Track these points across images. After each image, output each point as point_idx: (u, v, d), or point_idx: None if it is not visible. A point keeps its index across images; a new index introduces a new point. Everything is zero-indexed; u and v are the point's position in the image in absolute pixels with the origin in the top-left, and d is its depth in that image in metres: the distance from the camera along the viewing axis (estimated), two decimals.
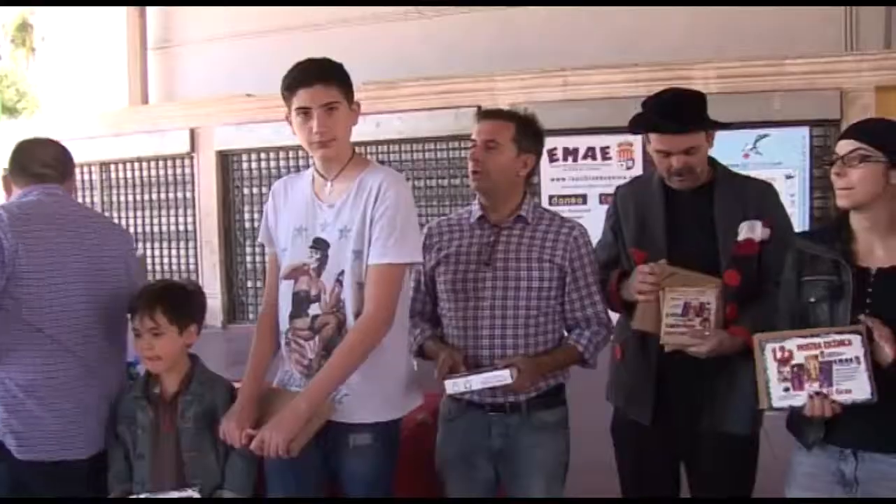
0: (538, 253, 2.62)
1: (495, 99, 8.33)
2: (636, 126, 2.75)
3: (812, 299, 2.34)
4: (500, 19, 8.75)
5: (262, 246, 2.61)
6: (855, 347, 2.17)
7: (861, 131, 2.29)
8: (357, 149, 2.43)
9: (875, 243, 2.31)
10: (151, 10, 11.29)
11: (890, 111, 7.88)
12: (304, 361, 2.32)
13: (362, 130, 9.22)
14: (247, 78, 9.50)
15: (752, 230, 2.70)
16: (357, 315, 2.27)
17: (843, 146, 2.27)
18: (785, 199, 8.29)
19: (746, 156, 8.11)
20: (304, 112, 2.24)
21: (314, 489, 2.37)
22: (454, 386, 2.46)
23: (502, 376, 2.42)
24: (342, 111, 2.27)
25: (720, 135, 2.75)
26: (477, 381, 2.46)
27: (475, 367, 2.52)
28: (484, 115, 2.73)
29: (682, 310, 2.56)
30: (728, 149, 8.36)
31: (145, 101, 11.23)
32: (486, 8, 8.75)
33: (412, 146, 9.02)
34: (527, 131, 2.69)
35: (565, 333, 2.70)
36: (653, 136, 2.69)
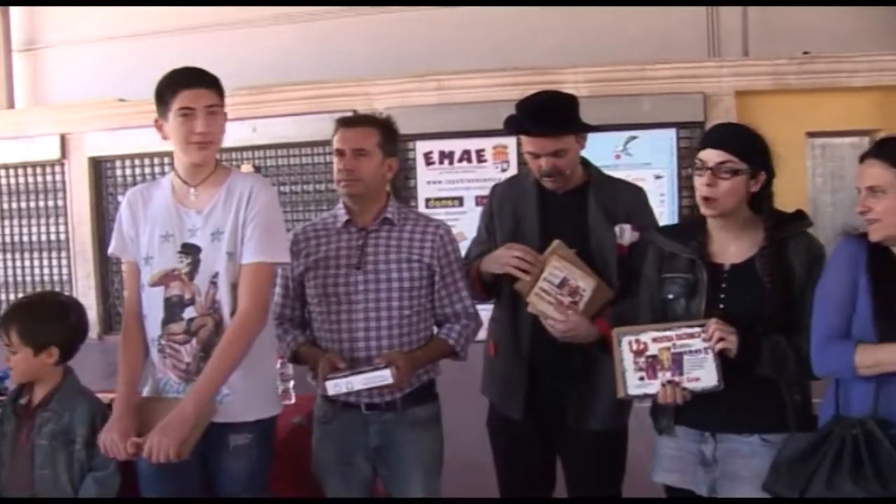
0: (407, 253, 2.64)
1: (371, 103, 8.33)
2: (508, 128, 2.79)
3: (670, 296, 2.43)
4: (375, 24, 8.74)
5: None
6: (702, 339, 2.31)
7: (729, 143, 2.37)
8: (233, 154, 2.45)
9: (729, 241, 2.41)
10: (15, 11, 10.79)
11: (749, 114, 8.25)
12: (182, 366, 2.32)
13: (238, 136, 9.05)
14: (119, 82, 9.22)
15: (621, 234, 2.77)
16: (233, 315, 2.29)
17: (713, 156, 2.35)
18: (655, 199, 8.60)
19: (618, 157, 8.34)
20: (187, 113, 2.25)
21: (192, 492, 2.36)
22: (336, 387, 2.47)
23: (383, 376, 2.44)
24: (221, 117, 2.32)
25: (593, 136, 2.79)
26: (358, 382, 2.47)
27: (353, 367, 2.52)
28: (347, 122, 2.72)
29: (559, 282, 2.62)
30: (600, 150, 8.52)
31: (11, 105, 10.72)
32: (362, 12, 8.73)
33: (288, 151, 8.91)
34: (389, 136, 2.72)
35: (435, 330, 2.73)
36: (523, 138, 2.74)
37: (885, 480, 2.07)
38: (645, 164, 8.35)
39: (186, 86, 2.26)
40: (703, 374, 2.31)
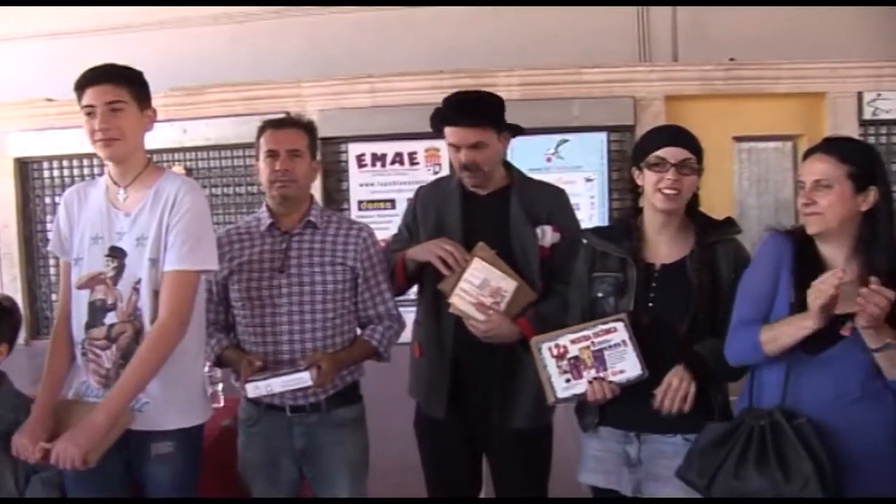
0: (330, 256, 2.64)
1: (303, 105, 8.28)
2: (433, 121, 2.81)
3: (600, 294, 2.47)
4: (308, 25, 8.69)
5: None
6: (620, 333, 2.37)
7: (688, 142, 2.43)
8: (165, 156, 2.39)
9: (662, 242, 2.46)
10: None
11: (678, 118, 8.38)
12: (102, 371, 2.29)
13: (170, 137, 8.92)
14: (46, 82, 8.99)
15: (542, 236, 2.80)
16: (154, 322, 2.24)
17: (676, 153, 2.40)
18: (585, 201, 8.70)
19: (549, 160, 8.43)
20: (90, 111, 2.22)
21: (116, 495, 2.33)
22: (256, 389, 2.46)
23: (303, 378, 2.44)
24: (130, 112, 2.25)
25: (525, 139, 2.83)
26: (278, 385, 2.46)
27: (276, 370, 2.51)
28: (277, 124, 2.70)
29: (480, 283, 2.64)
30: (531, 153, 8.60)
31: None
32: (295, 14, 8.68)
33: (220, 153, 8.82)
34: (314, 138, 2.73)
35: (359, 331, 2.73)
36: (447, 131, 2.76)
37: (787, 468, 2.13)
38: (576, 166, 8.45)
39: (88, 83, 2.24)
40: (627, 366, 2.37)
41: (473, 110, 2.74)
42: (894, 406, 2.20)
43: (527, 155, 8.37)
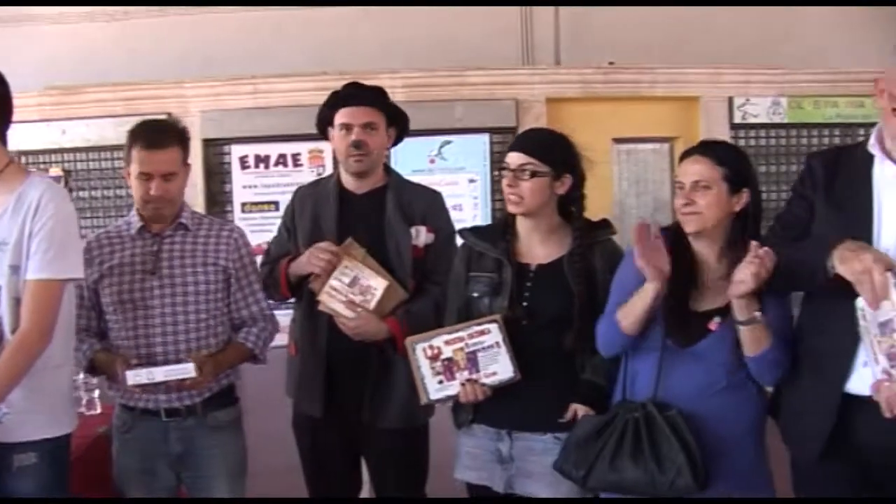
0: (202, 258, 2.66)
1: (185, 106, 8.13)
2: (323, 107, 2.85)
3: (475, 294, 2.55)
4: (191, 25, 8.55)
5: None
6: (494, 335, 2.46)
7: (529, 147, 2.52)
8: (42, 157, 2.34)
9: (536, 242, 2.54)
10: None
11: (559, 120, 8.56)
12: None
13: (47, 138, 8.65)
14: None
15: (417, 236, 2.86)
16: (14, 331, 2.23)
17: (515, 159, 2.48)
18: (469, 202, 8.82)
19: (432, 161, 8.45)
20: None
21: None
22: (136, 377, 2.46)
23: (186, 369, 2.45)
24: None
25: (408, 141, 2.90)
26: (160, 373, 2.48)
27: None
28: (151, 143, 2.68)
29: (350, 281, 2.68)
30: (415, 154, 8.53)
31: None
32: (178, 13, 8.53)
33: (99, 154, 8.61)
34: (188, 145, 2.72)
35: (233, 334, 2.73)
36: (339, 114, 2.80)
37: (660, 458, 2.26)
38: (459, 168, 8.54)
39: None
40: (499, 368, 2.47)
41: (368, 92, 2.89)
42: (756, 395, 2.37)
43: (410, 156, 8.35)
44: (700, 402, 2.34)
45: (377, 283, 2.76)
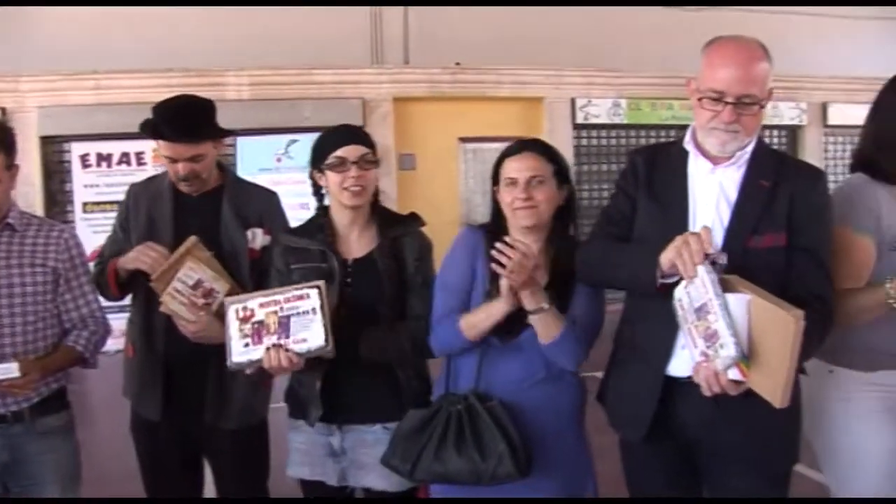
0: (30, 258, 2.58)
1: (22, 101, 8.02)
2: (144, 131, 2.79)
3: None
4: (29, 18, 8.36)
5: None
6: (312, 300, 2.35)
7: (362, 138, 2.54)
8: None
9: (352, 237, 2.60)
10: None
11: (406, 120, 8.81)
12: None
13: None
14: None
15: (253, 238, 2.90)
16: None
17: (354, 151, 2.51)
18: (315, 201, 8.81)
19: (279, 160, 8.48)
20: None
21: None
22: None
23: (9, 368, 2.37)
24: None
25: (255, 139, 2.85)
26: None
27: None
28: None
29: (194, 283, 2.66)
30: (262, 153, 8.63)
31: None
32: (15, 6, 8.33)
33: None
34: (11, 148, 2.63)
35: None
36: (160, 143, 2.75)
37: (483, 448, 2.31)
38: (305, 166, 8.61)
39: None
40: (310, 335, 2.34)
41: (190, 124, 2.72)
42: (576, 384, 2.54)
43: (257, 155, 8.51)
44: (520, 393, 2.38)
45: (220, 286, 2.74)
